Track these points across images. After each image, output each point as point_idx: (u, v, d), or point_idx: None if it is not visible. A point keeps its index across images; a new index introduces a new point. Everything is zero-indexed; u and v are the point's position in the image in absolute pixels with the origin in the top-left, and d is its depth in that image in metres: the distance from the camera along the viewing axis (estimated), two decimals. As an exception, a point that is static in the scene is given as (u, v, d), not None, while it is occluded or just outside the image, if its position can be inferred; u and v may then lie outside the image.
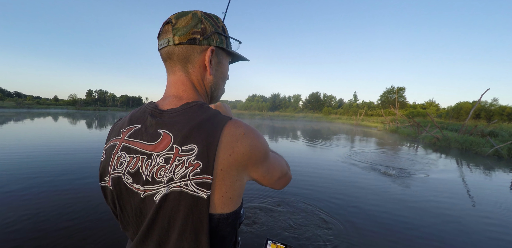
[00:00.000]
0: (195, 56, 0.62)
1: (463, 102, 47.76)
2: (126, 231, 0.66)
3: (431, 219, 3.65)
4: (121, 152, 0.61)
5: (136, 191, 0.57)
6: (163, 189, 0.53)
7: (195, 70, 0.64)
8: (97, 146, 8.79)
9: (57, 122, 19.24)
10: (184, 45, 0.60)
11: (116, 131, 0.65)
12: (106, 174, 0.63)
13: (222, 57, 0.68)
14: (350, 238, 3.00)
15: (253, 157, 0.56)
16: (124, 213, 0.62)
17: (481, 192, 5.25)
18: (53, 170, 5.37)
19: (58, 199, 3.80)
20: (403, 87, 58.90)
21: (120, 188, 0.60)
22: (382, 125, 29.82)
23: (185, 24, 0.60)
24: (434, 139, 15.03)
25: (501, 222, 3.72)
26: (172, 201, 0.52)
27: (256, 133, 0.57)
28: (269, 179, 0.63)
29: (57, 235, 2.80)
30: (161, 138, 0.55)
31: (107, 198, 0.65)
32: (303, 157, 8.50)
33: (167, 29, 0.61)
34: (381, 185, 5.35)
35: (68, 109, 60.05)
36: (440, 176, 6.50)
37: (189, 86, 0.64)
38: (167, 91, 0.66)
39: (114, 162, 0.61)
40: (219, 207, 0.53)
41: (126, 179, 0.59)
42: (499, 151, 10.77)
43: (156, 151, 0.55)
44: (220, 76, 0.69)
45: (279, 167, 0.66)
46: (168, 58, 0.64)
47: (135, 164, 0.57)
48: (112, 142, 0.64)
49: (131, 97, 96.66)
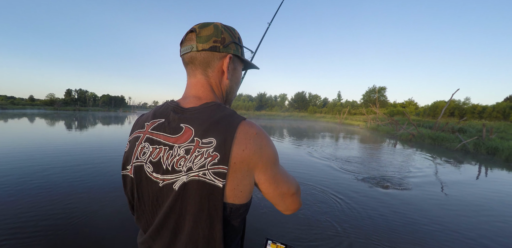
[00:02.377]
0: (215, 62, 0.69)
1: (439, 101, 50.51)
2: (139, 222, 0.70)
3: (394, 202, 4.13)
4: (145, 143, 0.66)
5: (155, 180, 0.62)
6: (182, 177, 0.58)
7: (214, 74, 0.71)
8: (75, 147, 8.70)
9: (39, 123, 18.46)
10: (206, 52, 0.67)
11: (140, 124, 0.72)
12: (129, 163, 0.69)
13: (237, 64, 0.75)
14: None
15: (264, 157, 0.60)
16: (141, 201, 0.67)
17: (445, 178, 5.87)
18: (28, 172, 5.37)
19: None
20: (384, 87, 61.29)
21: (141, 176, 0.65)
22: (364, 123, 31.04)
23: (207, 33, 0.67)
24: (410, 135, 16.05)
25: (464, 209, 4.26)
26: (191, 189, 0.57)
27: (267, 136, 0.63)
28: (274, 190, 0.65)
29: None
30: (183, 131, 0.61)
31: (127, 186, 0.71)
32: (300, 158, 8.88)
33: (191, 37, 0.68)
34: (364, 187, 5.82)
35: (45, 109, 57.35)
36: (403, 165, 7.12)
37: (208, 88, 0.70)
38: (187, 91, 0.72)
39: (137, 151, 0.67)
40: (231, 197, 0.58)
41: (147, 168, 0.64)
42: (466, 146, 11.74)
43: (178, 143, 0.61)
44: (235, 81, 0.77)
45: (287, 181, 0.68)
46: (190, 63, 0.70)
47: (157, 154, 0.62)
48: (136, 134, 0.70)
49: (113, 97, 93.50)
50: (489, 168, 7.91)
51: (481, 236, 3.16)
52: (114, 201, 3.79)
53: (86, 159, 6.58)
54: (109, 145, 9.11)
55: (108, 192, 4.20)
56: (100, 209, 3.52)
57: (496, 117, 39.30)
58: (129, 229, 3.00)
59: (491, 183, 6.01)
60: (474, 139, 12.02)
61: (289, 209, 0.70)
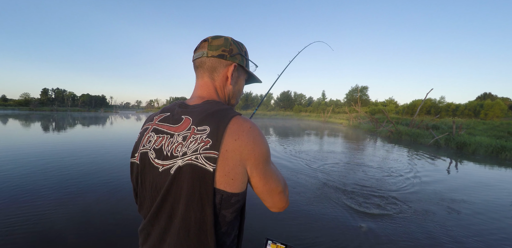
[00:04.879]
0: (221, 68, 0.77)
1: (417, 100, 52.97)
2: (141, 209, 0.74)
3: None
4: (151, 133, 0.72)
5: (156, 166, 0.66)
6: (178, 161, 0.61)
7: (219, 79, 0.78)
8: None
9: (29, 125, 17.62)
10: (214, 58, 0.76)
11: (150, 118, 0.79)
12: (136, 151, 0.74)
13: (241, 74, 0.83)
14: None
15: (256, 151, 0.63)
16: (143, 187, 0.71)
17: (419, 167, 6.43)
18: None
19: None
20: (366, 86, 63.26)
21: (145, 163, 0.70)
22: (347, 121, 32.10)
23: (218, 43, 0.76)
24: (389, 132, 16.95)
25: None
26: (185, 172, 0.60)
27: (261, 132, 0.66)
28: (264, 185, 0.68)
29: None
30: (183, 121, 0.67)
31: (133, 173, 0.76)
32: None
33: (204, 45, 0.77)
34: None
35: (19, 110, 54.30)
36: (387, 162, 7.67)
37: (212, 90, 0.78)
38: (194, 92, 0.80)
39: (144, 140, 0.73)
40: (222, 184, 0.60)
41: (151, 155, 0.69)
42: (438, 141, 12.66)
43: (177, 131, 0.66)
44: (237, 89, 0.84)
45: (277, 179, 0.71)
46: (200, 66, 0.78)
47: (160, 142, 0.68)
48: (145, 126, 0.77)
49: (94, 96, 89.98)
50: (458, 161, 8.69)
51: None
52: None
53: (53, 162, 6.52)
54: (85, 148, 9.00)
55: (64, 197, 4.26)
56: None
57: (468, 115, 41.87)
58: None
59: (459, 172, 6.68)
60: (445, 135, 12.97)
61: (276, 206, 0.73)
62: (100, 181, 4.75)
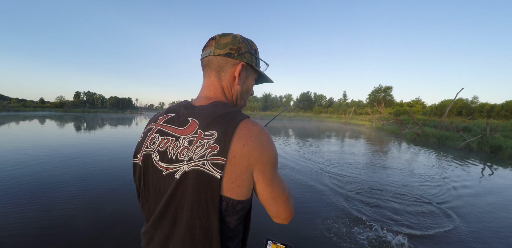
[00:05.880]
0: (228, 67, 0.74)
1: (447, 100, 50.02)
2: (144, 210, 0.72)
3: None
4: (155, 134, 0.70)
5: (160, 169, 0.64)
6: (184, 166, 0.59)
7: (226, 78, 0.75)
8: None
9: (61, 125, 19.15)
10: (221, 57, 0.72)
11: (155, 118, 0.76)
12: (139, 152, 0.72)
13: (250, 73, 0.79)
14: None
15: (264, 156, 0.61)
16: (146, 189, 0.69)
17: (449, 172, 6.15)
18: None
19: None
20: (390, 86, 60.75)
21: (148, 165, 0.68)
22: (369, 123, 31.12)
23: (225, 41, 0.72)
24: (414, 135, 16.20)
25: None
26: (191, 178, 0.58)
27: (269, 137, 0.64)
28: (270, 192, 0.66)
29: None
30: (189, 124, 0.65)
31: (135, 174, 0.74)
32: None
33: (211, 44, 0.74)
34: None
35: (56, 111, 58.76)
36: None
37: (219, 90, 0.75)
38: (201, 92, 0.77)
39: (148, 141, 0.70)
40: (228, 191, 0.59)
41: (154, 157, 0.67)
42: (470, 144, 11.90)
43: (183, 134, 0.64)
44: (245, 89, 0.80)
45: (282, 188, 0.69)
46: (207, 66, 0.76)
47: (165, 144, 0.66)
48: (149, 126, 0.74)
49: (121, 98, 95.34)
50: (493, 164, 8.13)
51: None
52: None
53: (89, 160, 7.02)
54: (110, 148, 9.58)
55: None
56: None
57: (505, 116, 38.75)
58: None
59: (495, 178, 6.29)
60: (478, 137, 12.17)
61: (280, 216, 0.72)
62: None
